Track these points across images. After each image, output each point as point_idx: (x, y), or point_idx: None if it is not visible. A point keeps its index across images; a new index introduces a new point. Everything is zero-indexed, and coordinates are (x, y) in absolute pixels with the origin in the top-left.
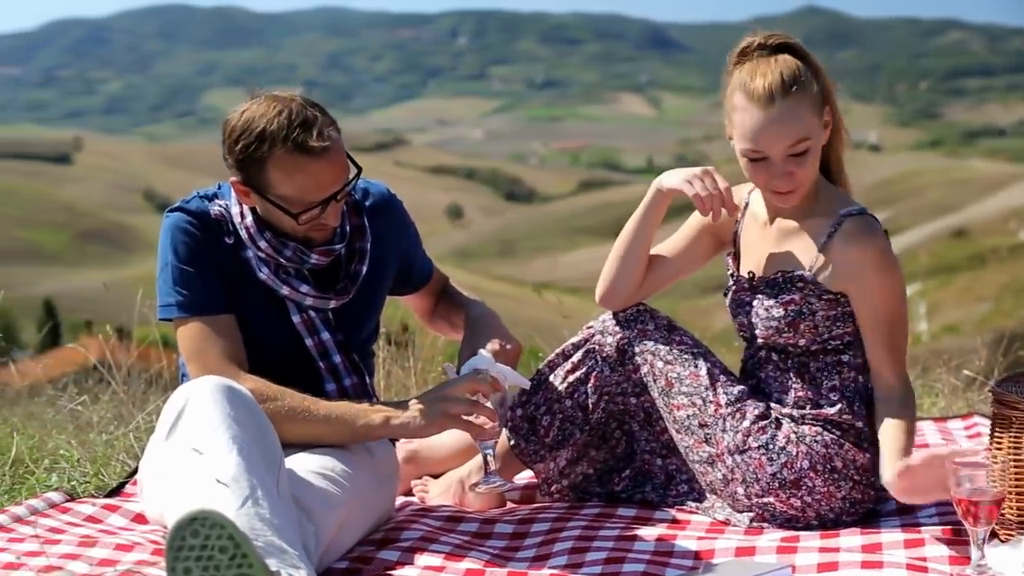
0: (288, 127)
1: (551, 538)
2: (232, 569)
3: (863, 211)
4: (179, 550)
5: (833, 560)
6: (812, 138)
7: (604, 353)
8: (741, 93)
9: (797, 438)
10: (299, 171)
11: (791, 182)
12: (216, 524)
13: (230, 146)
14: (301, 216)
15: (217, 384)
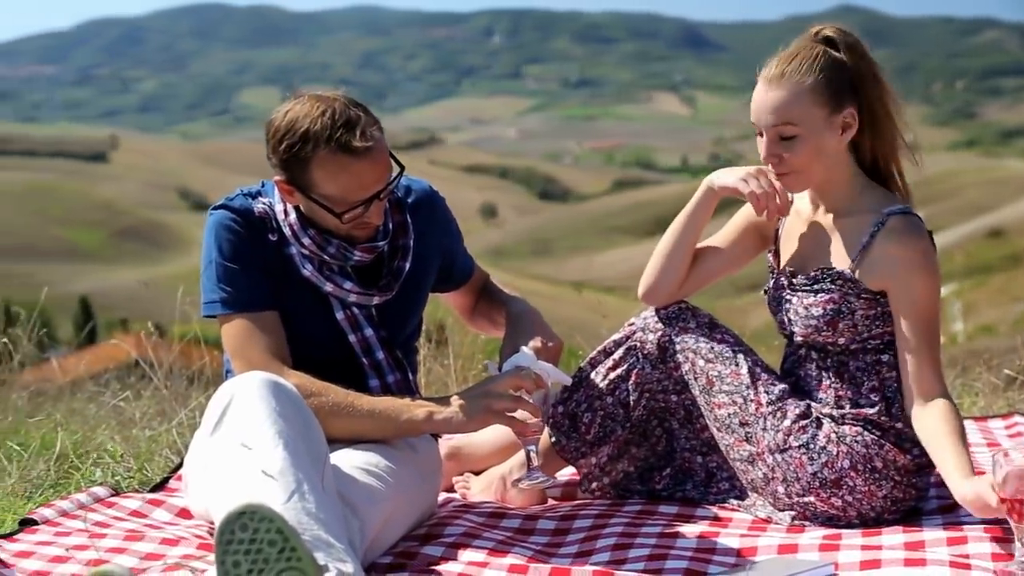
0: (332, 127)
1: (594, 535)
2: (281, 562)
3: (907, 210)
4: (228, 544)
5: (876, 558)
6: (801, 126)
7: (646, 350)
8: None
9: (838, 438)
10: (342, 171)
11: (782, 165)
12: (265, 518)
13: (274, 146)
14: (344, 215)
15: (263, 379)
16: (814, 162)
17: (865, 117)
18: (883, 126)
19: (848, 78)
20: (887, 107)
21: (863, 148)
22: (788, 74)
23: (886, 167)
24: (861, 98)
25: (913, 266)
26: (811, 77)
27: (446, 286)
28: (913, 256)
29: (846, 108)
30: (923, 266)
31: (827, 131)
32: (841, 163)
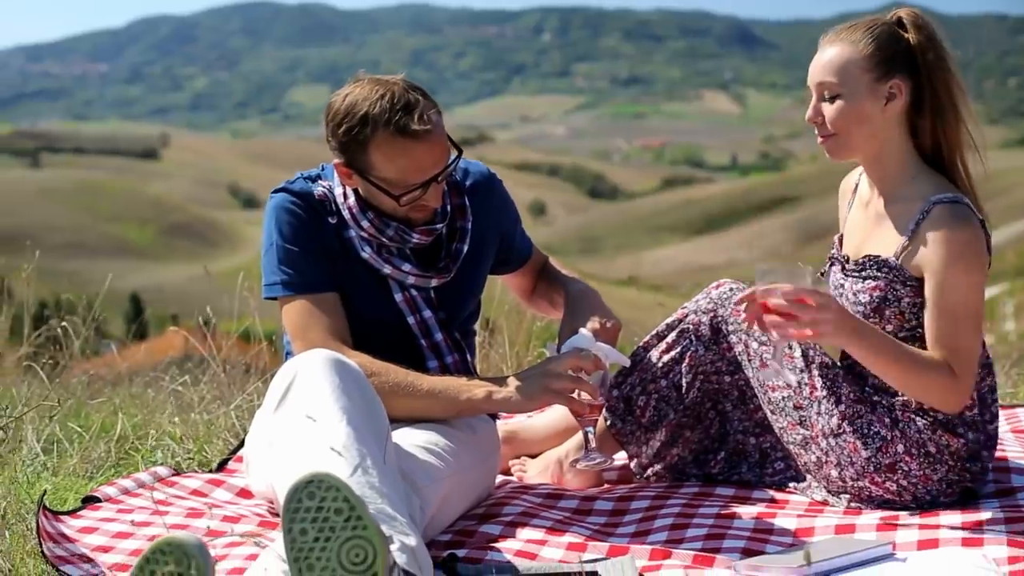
0: (390, 110)
1: (651, 515)
2: (347, 531)
3: (957, 199)
4: (295, 512)
5: (933, 537)
6: (844, 86)
7: (699, 332)
8: None
9: (892, 423)
10: (401, 154)
11: (823, 127)
12: (332, 487)
13: (333, 129)
14: (402, 198)
15: (327, 356)
16: (854, 128)
17: (927, 100)
18: (946, 113)
19: (904, 52)
20: (952, 95)
21: (923, 132)
22: (843, 35)
23: (949, 157)
24: (922, 78)
25: (950, 256)
26: (863, 41)
27: (505, 268)
28: (950, 246)
29: (893, 78)
30: (960, 256)
31: (869, 97)
32: (892, 140)
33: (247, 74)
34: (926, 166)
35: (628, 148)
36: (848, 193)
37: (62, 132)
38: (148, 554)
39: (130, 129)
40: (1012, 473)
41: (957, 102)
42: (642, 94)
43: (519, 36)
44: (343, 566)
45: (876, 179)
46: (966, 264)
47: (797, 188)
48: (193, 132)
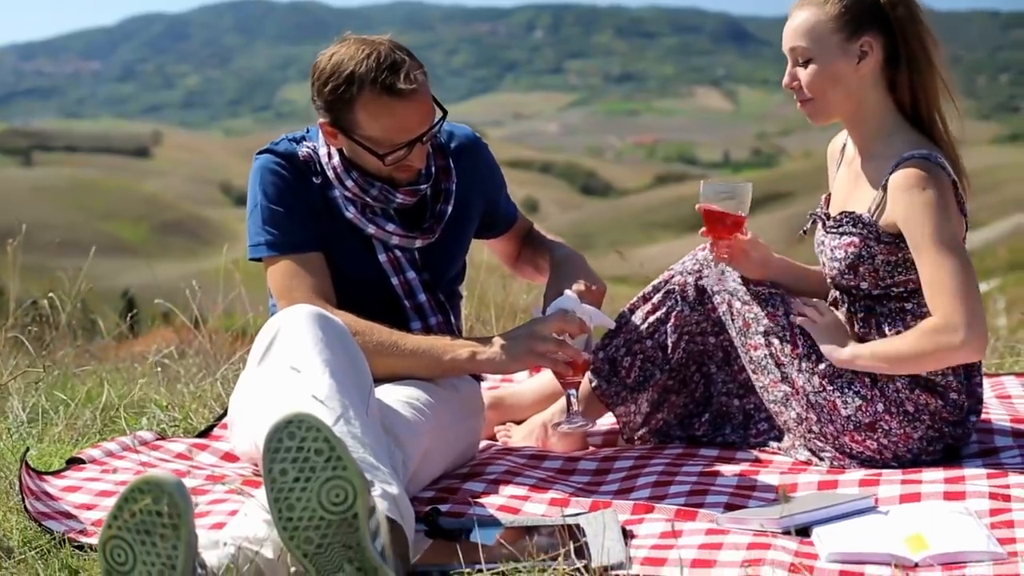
0: (376, 69)
1: (634, 474)
2: (327, 471)
3: (928, 156)
4: (276, 452)
5: (915, 491)
6: (814, 48)
7: (684, 292)
8: None
9: (871, 381)
10: (386, 113)
11: (799, 93)
12: (313, 427)
13: (319, 88)
14: (387, 157)
15: (310, 311)
16: (829, 88)
17: (901, 54)
18: (920, 65)
19: (873, 8)
20: (925, 47)
21: (901, 87)
22: (804, 5)
23: (927, 112)
24: (895, 34)
25: (921, 213)
26: (829, 2)
27: (490, 232)
28: (919, 203)
29: (863, 36)
30: (930, 211)
31: (841, 57)
32: (869, 98)
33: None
34: (906, 123)
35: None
36: (836, 154)
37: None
38: (127, 492)
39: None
40: (995, 434)
41: (931, 54)
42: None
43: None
44: (323, 506)
45: (856, 138)
46: (936, 210)
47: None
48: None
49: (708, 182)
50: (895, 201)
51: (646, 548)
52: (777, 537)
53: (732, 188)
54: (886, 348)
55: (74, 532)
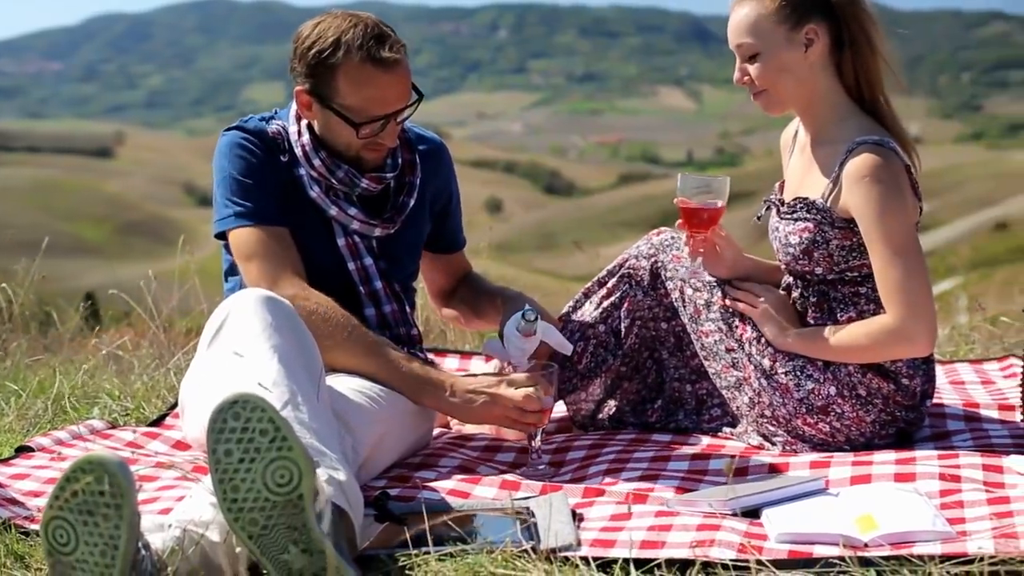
0: (363, 37)
1: (587, 463)
2: (272, 451)
3: (881, 141)
4: (220, 432)
5: (866, 473)
6: (760, 42)
7: (638, 277)
8: None
9: (823, 364)
10: (368, 82)
11: (752, 86)
12: (257, 407)
13: (302, 53)
14: (362, 128)
15: (259, 295)
16: (779, 80)
17: (845, 39)
18: (862, 47)
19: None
20: (866, 28)
21: (846, 72)
22: (744, 1)
23: (870, 93)
24: (838, 19)
25: (873, 198)
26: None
27: (434, 246)
28: (872, 188)
29: (807, 24)
30: (884, 197)
31: (788, 48)
32: (820, 84)
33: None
34: (856, 107)
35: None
36: (789, 142)
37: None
38: (69, 472)
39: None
40: (947, 419)
41: (871, 35)
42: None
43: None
44: (268, 487)
45: (809, 125)
46: (890, 204)
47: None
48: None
49: (685, 175)
50: (849, 190)
51: (595, 530)
52: (726, 518)
53: (709, 182)
54: (834, 338)
55: (19, 518)
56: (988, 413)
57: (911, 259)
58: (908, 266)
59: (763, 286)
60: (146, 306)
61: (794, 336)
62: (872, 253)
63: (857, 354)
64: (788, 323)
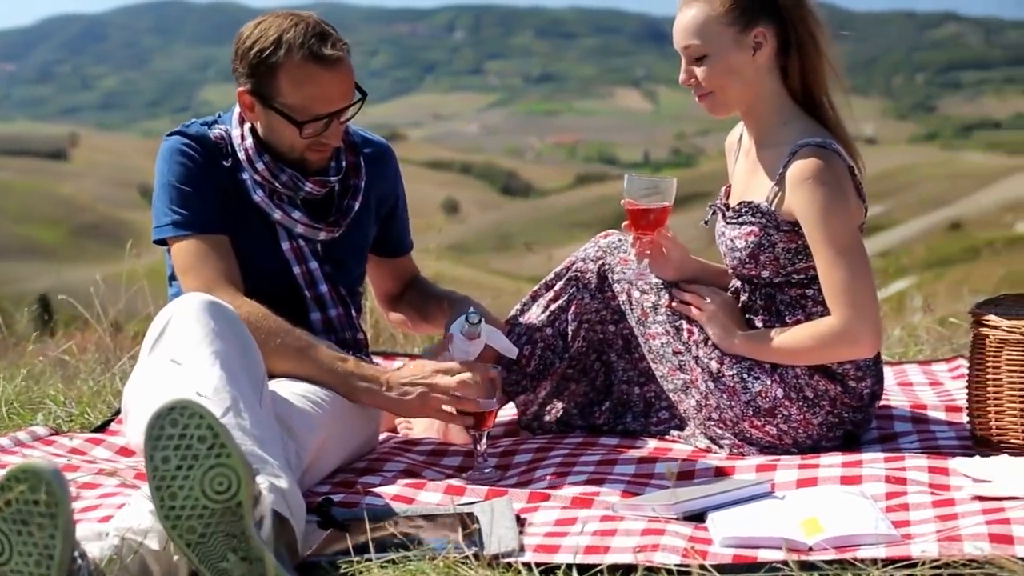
0: (304, 35)
1: (533, 467)
2: (210, 459)
3: (823, 143)
4: (157, 439)
5: (812, 476)
6: (709, 45)
7: (585, 280)
8: None
9: (771, 367)
10: (310, 80)
11: (697, 88)
12: (195, 413)
13: (243, 53)
14: (305, 127)
15: (201, 300)
16: (726, 82)
17: (792, 42)
18: (809, 51)
19: None
20: (812, 32)
21: (791, 73)
22: (693, 1)
23: (815, 96)
24: (785, 21)
25: (817, 200)
26: (713, 1)
27: (380, 249)
28: (815, 190)
29: (756, 27)
30: (827, 199)
31: (736, 50)
32: (765, 87)
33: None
34: (799, 110)
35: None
36: (733, 146)
37: None
38: (2, 481)
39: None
40: (895, 420)
41: (817, 38)
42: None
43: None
44: (206, 495)
45: (752, 128)
46: (834, 206)
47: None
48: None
49: (632, 176)
50: (793, 192)
51: (540, 536)
52: (671, 523)
53: (656, 183)
54: (779, 340)
55: None
56: (935, 415)
57: (855, 260)
58: (852, 267)
59: (710, 288)
60: (94, 311)
61: (740, 338)
62: (816, 255)
63: (803, 356)
64: (735, 325)
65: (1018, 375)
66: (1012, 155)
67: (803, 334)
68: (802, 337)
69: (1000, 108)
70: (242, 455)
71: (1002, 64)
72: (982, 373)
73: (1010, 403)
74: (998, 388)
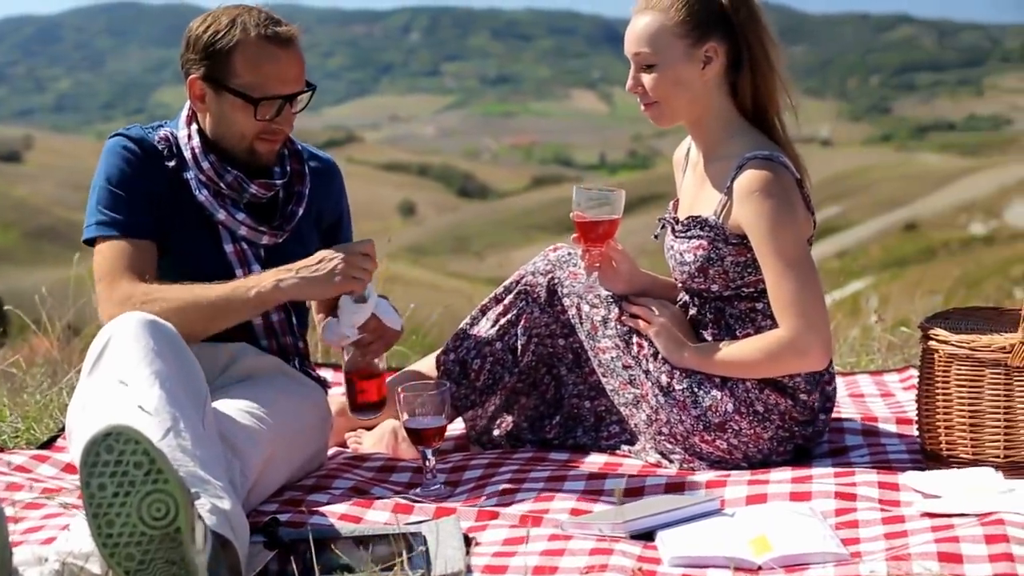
0: (258, 18)
1: (483, 483)
2: (147, 485)
3: (770, 156)
4: (93, 466)
5: (762, 492)
6: (659, 54)
7: (535, 294)
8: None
9: (721, 381)
10: (266, 58)
11: (644, 96)
12: (131, 439)
13: (195, 40)
14: (260, 105)
15: (140, 319)
16: (673, 93)
17: (745, 57)
18: (762, 69)
19: (717, 13)
20: (766, 49)
21: (742, 90)
22: (653, 3)
23: (768, 115)
24: (738, 37)
25: (764, 213)
26: (673, 8)
27: None
28: (762, 203)
29: (708, 42)
30: (774, 211)
31: (686, 63)
32: (713, 102)
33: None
34: (747, 124)
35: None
36: (681, 160)
37: None
38: None
39: None
40: (846, 434)
41: (770, 56)
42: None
43: (388, 36)
44: (144, 521)
45: (700, 141)
46: (781, 218)
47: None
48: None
49: (581, 188)
50: (740, 205)
51: (488, 555)
52: (620, 542)
53: (605, 195)
54: (729, 353)
55: None
56: (886, 427)
57: (804, 272)
58: (801, 279)
59: (659, 301)
60: (42, 323)
61: (690, 352)
62: (764, 267)
63: (752, 369)
64: (684, 339)
65: (967, 390)
66: (966, 156)
67: (752, 347)
68: (751, 350)
69: (954, 110)
70: (180, 480)
71: (956, 66)
72: (931, 388)
73: (959, 418)
74: (947, 403)
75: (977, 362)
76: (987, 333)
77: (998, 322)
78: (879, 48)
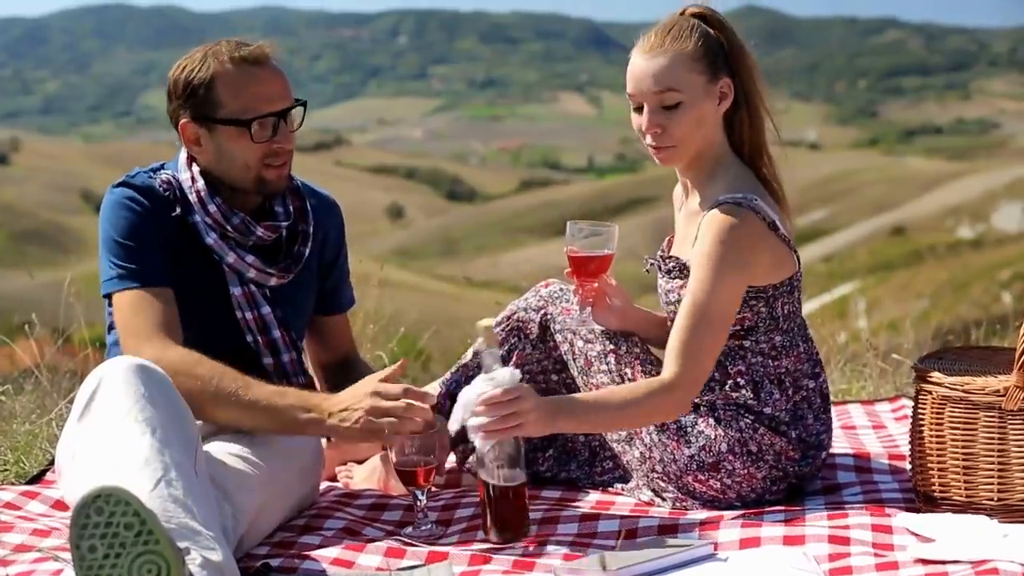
0: (227, 46)
1: (475, 524)
2: (138, 546)
3: (740, 200)
4: (83, 527)
5: (755, 535)
6: (684, 92)
7: (527, 331)
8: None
9: (715, 421)
10: (246, 81)
11: (664, 136)
12: (121, 501)
13: (174, 82)
14: (253, 126)
15: (131, 364)
16: (693, 133)
17: (742, 96)
18: (755, 103)
19: (722, 49)
20: (756, 85)
21: (737, 129)
22: (668, 43)
23: (756, 146)
24: (735, 72)
25: (707, 253)
26: (690, 44)
27: (323, 306)
28: (714, 240)
29: (723, 77)
30: (716, 255)
31: (707, 99)
32: (716, 139)
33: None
34: (737, 160)
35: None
36: (679, 198)
37: None
38: None
39: None
40: (838, 470)
41: (760, 91)
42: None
43: (376, 39)
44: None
45: (692, 180)
46: (719, 267)
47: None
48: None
49: (574, 223)
50: (699, 240)
51: None
52: None
53: (598, 230)
54: (598, 397)
55: None
56: (879, 463)
57: (707, 324)
58: (700, 331)
59: (517, 389)
60: (31, 353)
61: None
62: (682, 302)
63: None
64: (550, 407)
65: (961, 432)
66: (953, 160)
67: (624, 388)
68: (623, 388)
69: (941, 113)
70: (170, 540)
71: (943, 70)
72: (925, 429)
73: (953, 460)
74: (941, 445)
75: (971, 405)
76: (981, 375)
77: (992, 363)
78: (866, 52)
